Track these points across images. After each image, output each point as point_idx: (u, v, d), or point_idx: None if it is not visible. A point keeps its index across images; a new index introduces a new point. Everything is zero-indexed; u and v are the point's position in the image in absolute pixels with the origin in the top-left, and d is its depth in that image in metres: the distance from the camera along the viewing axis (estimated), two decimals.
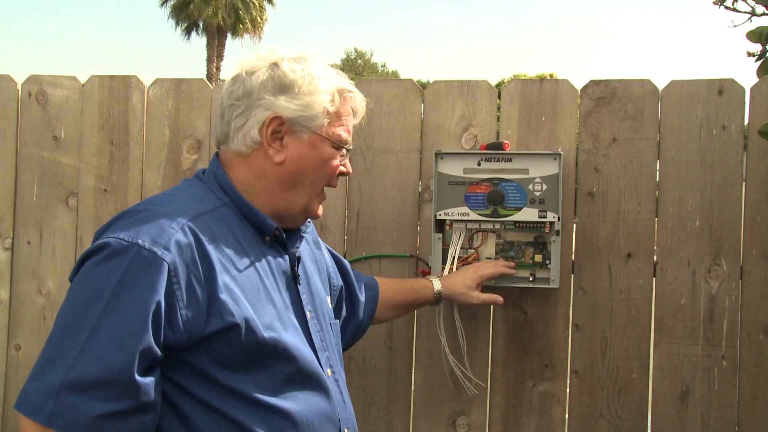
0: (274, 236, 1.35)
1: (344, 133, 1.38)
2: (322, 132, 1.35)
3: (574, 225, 2.08)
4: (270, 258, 1.34)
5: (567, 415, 2.09)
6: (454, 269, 1.99)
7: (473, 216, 2.01)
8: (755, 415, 1.99)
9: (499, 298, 1.91)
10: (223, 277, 1.20)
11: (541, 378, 2.09)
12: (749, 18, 1.97)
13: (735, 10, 1.98)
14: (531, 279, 2.01)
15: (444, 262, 2.02)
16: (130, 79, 2.28)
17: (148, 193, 2.26)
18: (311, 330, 1.37)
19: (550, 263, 1.99)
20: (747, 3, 1.97)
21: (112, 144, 2.28)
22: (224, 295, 1.20)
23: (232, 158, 1.37)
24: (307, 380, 1.30)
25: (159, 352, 1.15)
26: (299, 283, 1.39)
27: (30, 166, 2.31)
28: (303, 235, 1.45)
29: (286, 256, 1.38)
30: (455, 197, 2.01)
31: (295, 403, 1.27)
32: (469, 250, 2.04)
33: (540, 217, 1.97)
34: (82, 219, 2.29)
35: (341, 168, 1.41)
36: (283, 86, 1.33)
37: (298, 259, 1.41)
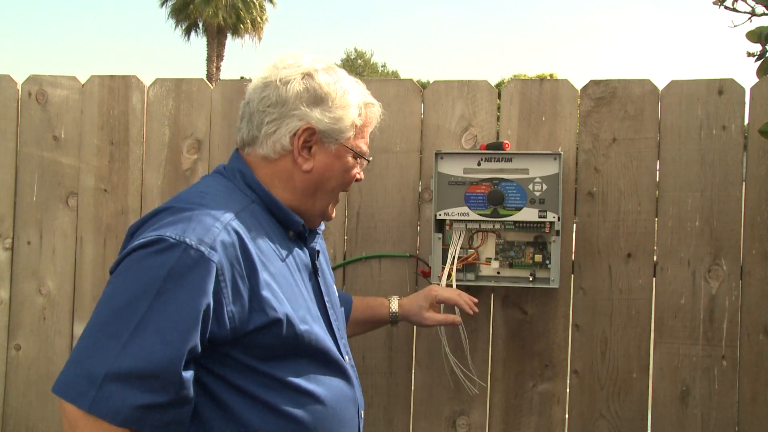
0: (298, 232, 1.42)
1: (364, 145, 1.46)
2: (348, 144, 1.41)
3: (574, 225, 2.08)
4: (294, 252, 1.40)
5: (567, 415, 2.09)
6: (454, 269, 1.99)
7: (473, 216, 2.01)
8: (755, 415, 1.99)
9: (457, 319, 1.88)
10: (263, 274, 1.25)
11: (541, 378, 2.09)
12: (749, 18, 1.97)
13: (735, 10, 1.98)
14: (531, 279, 2.01)
15: (444, 262, 2.02)
16: (130, 79, 2.28)
17: (148, 193, 2.26)
18: (331, 319, 1.46)
19: (550, 263, 1.99)
20: (747, 3, 1.96)
21: (112, 144, 2.28)
22: (265, 291, 1.25)
23: (257, 161, 1.40)
24: (333, 366, 1.38)
25: (200, 349, 1.19)
26: (318, 276, 1.47)
27: (30, 166, 2.31)
28: (319, 231, 1.53)
29: (306, 250, 1.45)
30: (455, 197, 2.01)
31: (324, 387, 1.35)
32: (469, 250, 2.04)
33: (540, 217, 1.97)
34: (82, 219, 2.29)
35: (358, 176, 1.48)
36: (318, 99, 1.38)
37: (317, 252, 1.49)
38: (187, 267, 1.16)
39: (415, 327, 2.14)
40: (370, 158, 1.50)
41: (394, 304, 1.86)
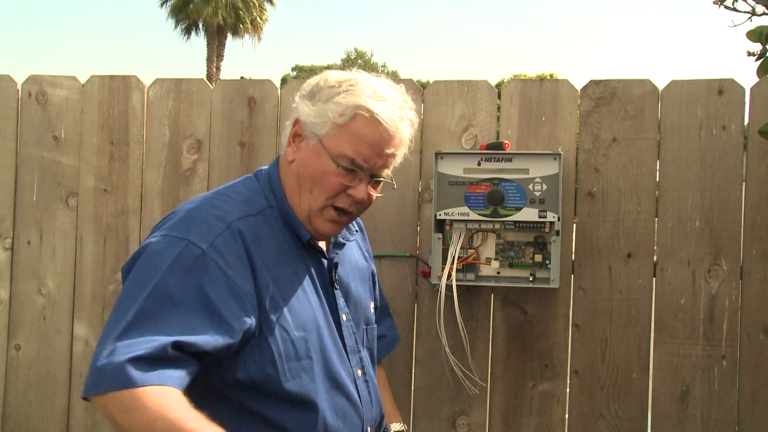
0: (310, 244, 1.40)
1: (350, 152, 1.34)
2: (325, 142, 1.35)
3: (574, 225, 2.08)
4: (308, 261, 1.39)
5: (567, 415, 2.09)
6: (454, 269, 1.99)
7: (473, 216, 2.01)
8: (755, 415, 1.99)
9: None
10: (263, 274, 1.28)
11: (541, 378, 2.09)
12: (749, 17, 1.97)
13: (735, 9, 1.98)
14: (531, 279, 2.01)
15: (444, 262, 2.02)
16: (130, 79, 2.28)
17: (148, 193, 2.26)
18: (344, 332, 1.43)
19: (550, 263, 1.99)
20: (747, 2, 1.96)
21: (112, 144, 2.28)
22: (263, 291, 1.27)
23: (281, 159, 1.45)
24: (331, 380, 1.36)
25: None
26: (336, 288, 1.44)
27: (30, 166, 2.31)
28: (342, 241, 1.49)
29: (324, 261, 1.43)
30: (455, 197, 2.01)
31: (319, 399, 1.33)
32: (469, 250, 2.03)
33: (540, 217, 1.97)
34: (82, 219, 2.29)
35: (351, 191, 1.36)
36: (311, 92, 1.39)
37: (336, 264, 1.45)
38: (189, 261, 1.22)
39: (414, 326, 2.14)
40: (352, 167, 1.35)
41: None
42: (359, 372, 1.45)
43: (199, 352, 1.18)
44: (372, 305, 1.60)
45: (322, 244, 1.45)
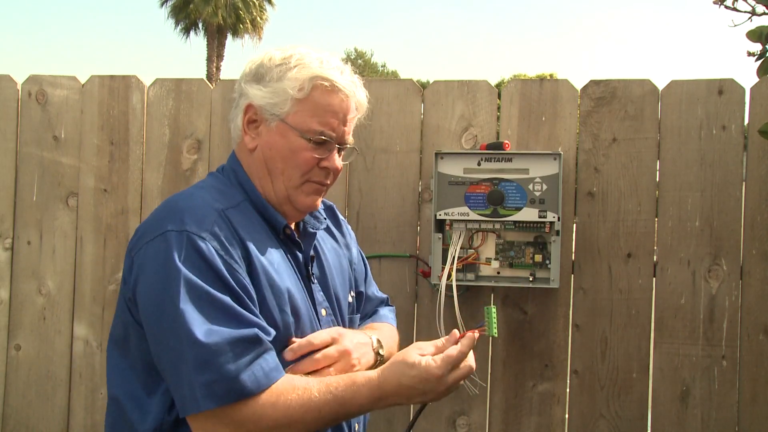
0: (286, 234, 1.37)
1: (318, 124, 1.32)
2: (289, 121, 1.32)
3: (574, 225, 2.08)
4: (286, 252, 1.37)
5: (567, 415, 2.09)
6: (454, 269, 1.99)
7: (473, 216, 2.01)
8: (755, 415, 1.99)
9: None
10: (259, 259, 1.27)
11: (541, 378, 2.09)
12: (749, 18, 1.97)
13: (735, 9, 1.98)
14: (531, 279, 2.01)
15: (444, 262, 2.02)
16: (130, 79, 2.28)
17: (148, 193, 2.26)
18: (322, 325, 1.39)
19: (550, 263, 1.99)
20: (747, 3, 1.96)
21: (112, 144, 2.28)
22: (261, 275, 1.26)
23: (237, 152, 1.41)
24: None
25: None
26: (313, 282, 1.41)
27: (30, 166, 2.31)
28: (312, 230, 1.44)
29: (299, 254, 1.40)
30: (455, 197, 2.01)
31: None
32: (469, 250, 2.03)
33: (540, 217, 1.97)
34: (82, 219, 2.29)
35: (325, 163, 1.35)
36: (257, 75, 1.35)
37: (312, 257, 1.42)
38: (193, 249, 1.20)
39: (414, 326, 2.14)
40: (326, 139, 1.34)
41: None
42: None
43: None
44: (350, 294, 1.54)
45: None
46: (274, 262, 1.31)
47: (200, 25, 32.85)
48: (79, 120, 2.30)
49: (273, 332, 1.23)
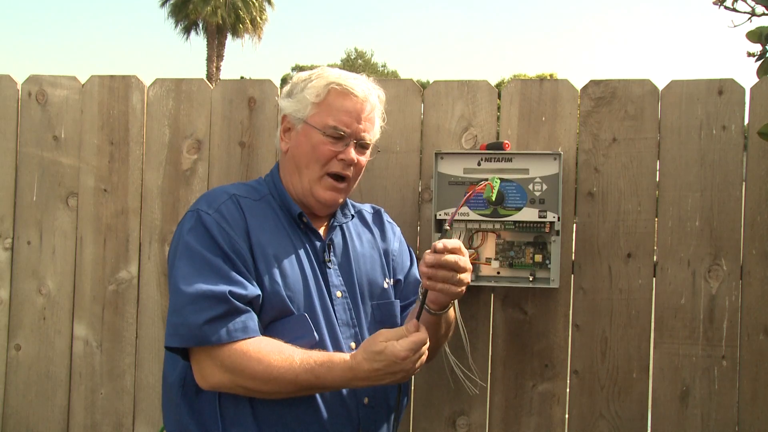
0: (302, 221, 1.59)
1: (332, 121, 1.57)
2: (310, 121, 1.58)
3: (574, 225, 2.08)
4: (304, 240, 1.58)
5: (567, 415, 2.09)
6: None
7: (473, 216, 2.01)
8: (755, 415, 1.99)
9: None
10: (257, 237, 1.50)
11: (541, 378, 2.09)
12: (749, 18, 1.97)
13: (735, 10, 1.98)
14: (531, 279, 2.01)
15: None
16: (130, 79, 2.28)
17: (148, 193, 2.26)
18: (336, 307, 1.56)
19: (550, 263, 1.99)
20: (747, 3, 1.97)
21: (112, 144, 2.28)
22: (255, 250, 1.49)
23: (279, 158, 1.69)
24: (318, 348, 1.48)
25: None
26: (328, 267, 1.59)
27: (30, 166, 2.31)
28: (336, 224, 1.64)
29: (317, 243, 1.60)
30: (455, 197, 2.01)
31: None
32: (469, 250, 2.03)
33: (540, 217, 1.97)
34: (82, 219, 2.29)
35: (342, 156, 1.57)
36: (289, 91, 1.65)
37: (330, 246, 1.61)
38: (201, 223, 1.48)
39: None
40: (343, 133, 1.57)
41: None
42: (352, 344, 1.56)
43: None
44: (385, 282, 1.68)
45: (322, 231, 1.64)
46: (278, 243, 1.52)
47: (200, 25, 32.86)
48: (79, 120, 2.30)
49: (257, 291, 1.45)
